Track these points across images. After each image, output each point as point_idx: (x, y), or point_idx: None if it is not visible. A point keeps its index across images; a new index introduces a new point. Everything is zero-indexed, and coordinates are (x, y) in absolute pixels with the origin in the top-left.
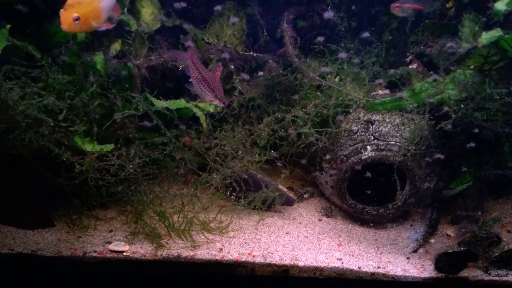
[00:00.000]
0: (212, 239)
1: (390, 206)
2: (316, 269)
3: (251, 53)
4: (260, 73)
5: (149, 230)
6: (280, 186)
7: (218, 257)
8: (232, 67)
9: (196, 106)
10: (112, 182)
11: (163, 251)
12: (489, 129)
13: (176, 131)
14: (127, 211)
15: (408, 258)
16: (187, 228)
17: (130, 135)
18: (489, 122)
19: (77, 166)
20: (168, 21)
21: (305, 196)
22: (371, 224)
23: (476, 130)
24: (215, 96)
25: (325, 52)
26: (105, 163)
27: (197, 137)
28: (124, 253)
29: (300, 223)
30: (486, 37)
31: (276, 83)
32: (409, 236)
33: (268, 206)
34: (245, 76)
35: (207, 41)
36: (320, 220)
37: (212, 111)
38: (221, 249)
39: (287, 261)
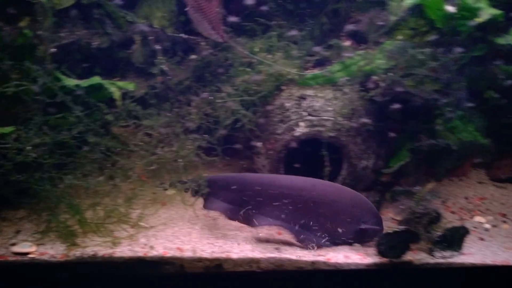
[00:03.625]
0: (136, 234)
1: None
2: (252, 261)
3: (181, 35)
4: (193, 56)
5: (61, 228)
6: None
7: (141, 254)
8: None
9: (113, 84)
10: (9, 168)
11: (77, 251)
12: (418, 96)
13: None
14: (39, 209)
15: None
16: (100, 222)
17: (35, 117)
18: (418, 89)
19: None
20: None
21: None
22: None
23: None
24: (212, 28)
25: (255, 30)
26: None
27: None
28: (30, 255)
29: None
30: (409, 1)
31: (206, 63)
32: None
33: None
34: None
35: (129, 20)
36: None
37: (131, 89)
38: (145, 245)
39: (219, 254)
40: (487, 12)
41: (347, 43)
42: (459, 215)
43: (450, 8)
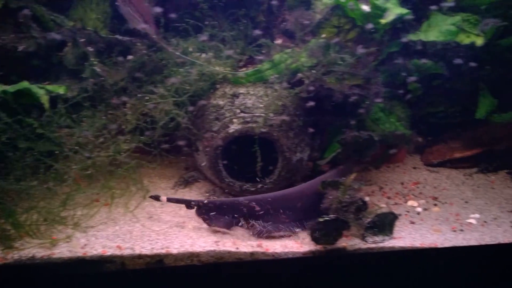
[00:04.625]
0: (75, 235)
1: (267, 181)
2: (192, 255)
3: (116, 36)
4: (129, 57)
5: None
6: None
7: (80, 254)
8: (91, 49)
9: (42, 88)
10: None
11: (15, 254)
12: (338, 92)
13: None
14: None
15: None
16: (36, 224)
17: None
18: (338, 85)
19: None
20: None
21: (189, 180)
22: None
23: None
24: (144, 21)
25: (189, 30)
26: None
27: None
28: None
29: (181, 208)
30: (326, 1)
31: (141, 64)
32: None
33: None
34: None
35: (59, 22)
36: None
37: (62, 92)
38: (85, 245)
39: (159, 250)
40: (393, 12)
41: (279, 41)
42: (394, 200)
43: (365, 8)
